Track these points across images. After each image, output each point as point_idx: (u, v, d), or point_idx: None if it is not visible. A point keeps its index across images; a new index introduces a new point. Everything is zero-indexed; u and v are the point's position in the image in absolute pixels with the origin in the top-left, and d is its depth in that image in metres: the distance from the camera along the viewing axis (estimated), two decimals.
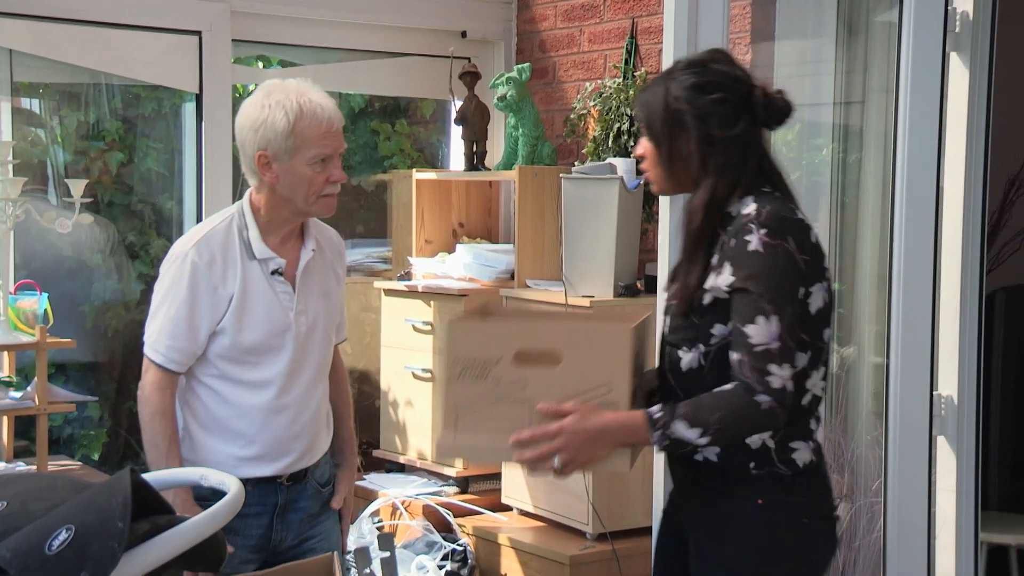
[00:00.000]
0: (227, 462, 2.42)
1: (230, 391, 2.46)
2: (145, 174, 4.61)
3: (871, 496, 3.21)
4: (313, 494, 2.56)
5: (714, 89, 2.10)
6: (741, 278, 2.00)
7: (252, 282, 2.44)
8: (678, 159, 2.13)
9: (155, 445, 2.43)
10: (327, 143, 2.42)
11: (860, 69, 3.39)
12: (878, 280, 3.25)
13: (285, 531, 2.52)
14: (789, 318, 1.99)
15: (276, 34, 4.31)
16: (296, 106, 2.39)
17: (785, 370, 1.98)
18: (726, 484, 2.10)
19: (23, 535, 1.46)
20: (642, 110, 2.18)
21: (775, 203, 2.06)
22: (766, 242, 2.00)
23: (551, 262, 4.05)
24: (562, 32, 4.46)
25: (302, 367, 2.49)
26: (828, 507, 2.15)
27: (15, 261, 3.89)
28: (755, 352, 1.98)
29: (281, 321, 2.46)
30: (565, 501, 3.65)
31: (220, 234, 2.46)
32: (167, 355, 2.43)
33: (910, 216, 2.87)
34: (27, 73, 4.17)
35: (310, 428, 2.52)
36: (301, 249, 2.52)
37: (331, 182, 2.44)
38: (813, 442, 2.12)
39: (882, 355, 3.08)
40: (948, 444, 2.93)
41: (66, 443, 4.37)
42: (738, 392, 1.98)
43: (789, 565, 2.10)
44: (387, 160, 5.07)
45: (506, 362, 2.05)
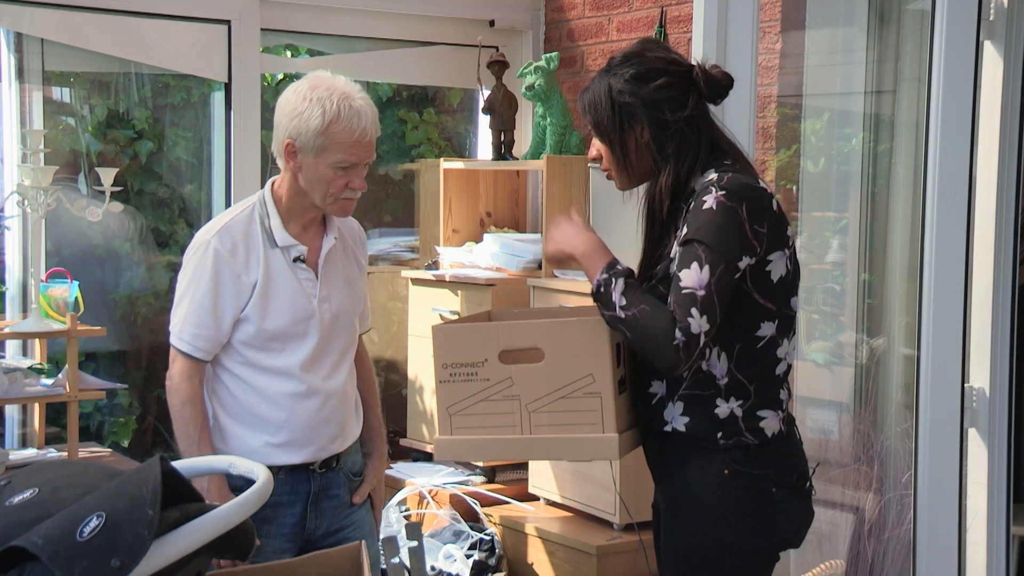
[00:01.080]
0: (258, 450, 2.43)
1: (256, 378, 2.47)
2: (174, 163, 4.63)
3: (901, 489, 3.19)
4: (345, 482, 2.58)
5: (656, 76, 2.16)
6: (691, 231, 2.07)
7: (275, 269, 2.46)
8: (634, 151, 2.18)
9: (186, 434, 2.44)
10: (354, 152, 2.41)
11: (892, 58, 3.36)
12: (908, 271, 3.23)
13: (319, 519, 2.53)
14: (720, 273, 2.03)
15: (304, 23, 4.31)
16: (335, 108, 2.38)
17: (703, 321, 2.02)
18: (694, 454, 2.14)
19: (54, 522, 1.47)
20: (588, 111, 2.22)
21: (737, 173, 2.12)
22: (720, 201, 2.06)
23: None
24: (590, 21, 4.44)
25: (327, 353, 2.50)
26: (799, 477, 2.17)
27: (46, 249, 3.92)
28: (682, 293, 2.03)
29: (305, 308, 2.47)
30: (592, 491, 3.64)
31: (242, 222, 2.48)
32: (193, 343, 2.45)
33: (942, 206, 2.84)
34: (58, 62, 4.20)
35: (338, 413, 2.53)
36: (323, 237, 2.53)
37: (350, 188, 2.44)
38: (783, 412, 2.15)
39: (912, 347, 3.05)
40: (979, 437, 2.91)
41: (96, 430, 4.41)
42: (667, 315, 2.03)
43: (757, 535, 2.13)
44: (414, 149, 5.07)
45: (492, 362, 2.15)
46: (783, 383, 2.16)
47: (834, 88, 3.64)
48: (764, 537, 2.14)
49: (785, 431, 2.15)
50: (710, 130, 2.21)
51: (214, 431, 2.49)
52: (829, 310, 3.57)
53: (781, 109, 3.74)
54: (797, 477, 2.16)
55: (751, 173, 2.18)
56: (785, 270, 2.13)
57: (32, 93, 4.07)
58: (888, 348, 3.35)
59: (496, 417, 2.17)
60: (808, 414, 3.47)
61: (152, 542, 1.46)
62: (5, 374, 3.33)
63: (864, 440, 3.32)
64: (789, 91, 3.72)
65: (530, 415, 2.15)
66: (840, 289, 3.55)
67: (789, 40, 3.69)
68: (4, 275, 3.93)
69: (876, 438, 3.30)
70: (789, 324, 2.14)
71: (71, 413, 3.44)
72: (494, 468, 4.06)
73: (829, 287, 3.57)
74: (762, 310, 2.11)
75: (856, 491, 3.34)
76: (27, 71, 4.06)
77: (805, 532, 2.22)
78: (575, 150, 4.15)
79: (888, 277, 3.38)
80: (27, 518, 1.50)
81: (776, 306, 2.12)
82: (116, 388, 3.97)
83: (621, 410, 2.16)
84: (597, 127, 2.20)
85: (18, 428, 4.00)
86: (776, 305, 2.12)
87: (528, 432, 2.16)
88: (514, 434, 2.17)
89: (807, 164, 3.60)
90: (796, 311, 2.16)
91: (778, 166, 3.73)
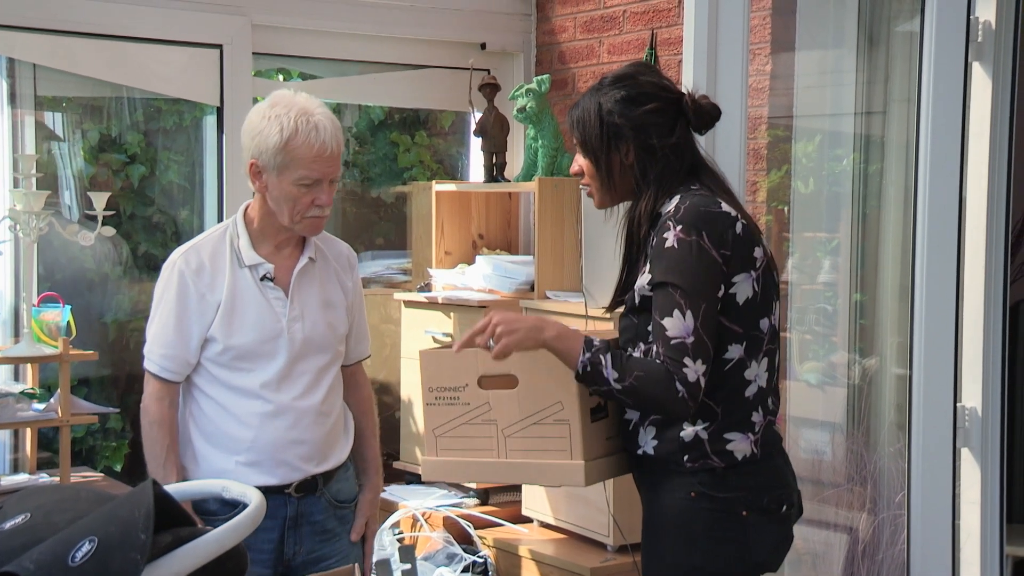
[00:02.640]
0: (228, 470, 2.43)
1: (226, 397, 2.47)
2: (166, 187, 4.63)
3: (894, 509, 3.19)
4: (327, 508, 2.54)
5: (647, 100, 2.18)
6: (659, 273, 2.08)
7: (241, 288, 2.46)
8: (618, 171, 2.20)
9: (153, 455, 2.46)
10: (316, 167, 2.40)
11: (881, 79, 3.38)
12: (900, 291, 3.24)
13: (298, 545, 2.50)
14: (703, 314, 2.05)
15: (296, 47, 4.32)
16: (293, 124, 2.38)
17: (698, 365, 2.04)
18: (663, 477, 2.15)
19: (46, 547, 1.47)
20: (576, 127, 2.23)
21: (696, 198, 2.13)
22: (680, 238, 2.07)
23: (571, 273, 4.04)
24: (581, 44, 4.46)
25: (299, 372, 2.49)
26: (773, 501, 2.15)
27: (38, 273, 3.91)
28: (671, 344, 2.04)
29: (272, 327, 2.46)
30: (586, 513, 3.64)
31: (211, 243, 2.50)
32: (161, 364, 2.46)
33: (933, 226, 2.85)
34: (51, 87, 4.20)
35: (312, 433, 2.49)
36: (298, 258, 2.52)
37: (316, 205, 2.44)
38: (755, 435, 2.14)
39: (905, 367, 3.06)
40: (972, 456, 2.91)
41: (88, 455, 4.39)
42: (663, 370, 2.04)
43: (726, 558, 2.12)
44: (406, 172, 5.08)
45: (472, 387, 2.23)
46: (756, 405, 2.14)
47: (824, 109, 3.66)
48: (733, 560, 2.13)
49: (759, 453, 2.14)
50: (693, 157, 2.22)
51: (187, 450, 2.49)
52: (821, 330, 3.58)
53: (772, 130, 3.76)
54: (770, 500, 2.14)
55: (722, 196, 2.17)
56: (752, 292, 2.12)
57: (24, 118, 4.08)
58: (880, 368, 3.35)
59: (476, 440, 2.23)
60: (801, 434, 3.47)
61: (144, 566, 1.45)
62: None
63: (857, 460, 3.32)
64: (780, 112, 3.74)
65: (506, 439, 2.21)
66: (832, 309, 3.56)
67: (779, 62, 3.72)
68: None
69: (869, 458, 3.30)
70: (758, 346, 2.13)
71: (63, 438, 3.43)
72: (487, 490, 4.05)
73: (821, 307, 3.58)
74: (728, 333, 2.11)
75: (850, 511, 3.34)
76: (19, 96, 4.06)
77: (782, 556, 2.20)
78: (567, 172, 4.15)
79: (880, 297, 3.39)
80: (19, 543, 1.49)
81: (743, 328, 2.11)
82: (108, 412, 3.95)
83: (594, 437, 2.18)
84: (584, 144, 2.22)
85: (10, 453, 3.98)
86: (743, 327, 2.11)
87: (504, 456, 2.22)
88: (492, 457, 2.23)
89: (798, 185, 3.61)
90: (767, 331, 2.15)
91: (769, 187, 3.74)
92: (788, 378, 3.45)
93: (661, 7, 4.13)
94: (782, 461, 2.22)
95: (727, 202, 2.16)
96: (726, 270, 2.09)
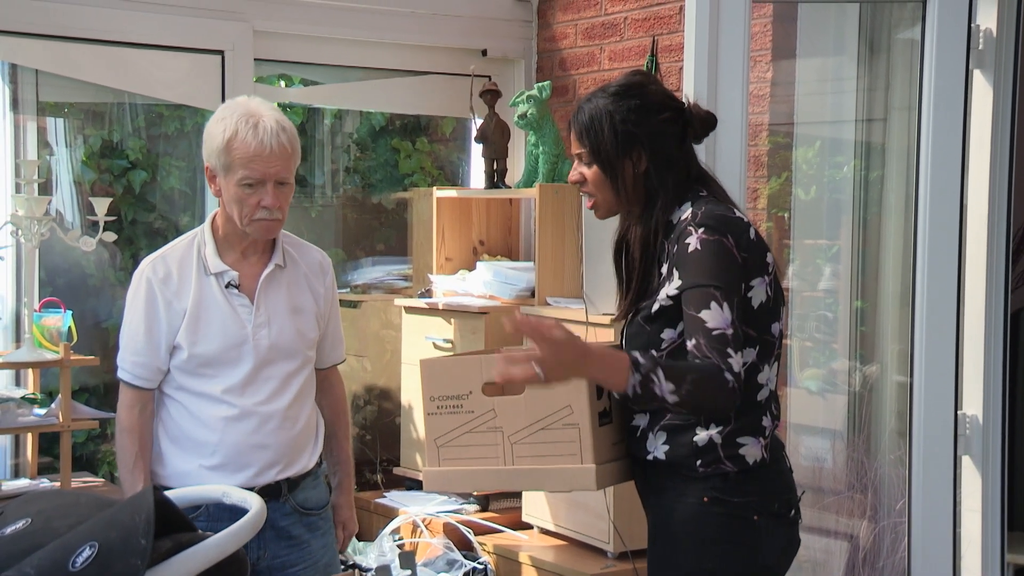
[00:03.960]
0: (192, 473, 2.45)
1: (192, 403, 2.48)
2: (168, 192, 4.63)
3: (895, 516, 3.19)
4: (292, 515, 2.53)
5: (660, 109, 2.20)
6: (689, 277, 2.07)
7: (207, 296, 2.47)
8: (630, 179, 2.20)
9: (122, 461, 2.49)
10: (255, 168, 2.40)
11: (882, 86, 3.39)
12: (901, 298, 3.24)
13: (262, 550, 2.49)
14: (737, 308, 2.05)
15: (298, 53, 4.33)
16: (234, 125, 2.40)
17: (739, 356, 2.03)
18: (675, 482, 2.15)
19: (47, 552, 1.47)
20: (586, 136, 2.22)
21: (711, 204, 2.15)
22: (704, 239, 2.07)
23: (571, 280, 4.04)
24: (582, 50, 4.47)
25: (265, 378, 2.49)
26: (784, 505, 2.16)
27: (40, 278, 3.91)
28: (713, 335, 2.03)
29: (237, 334, 2.47)
30: (586, 519, 3.63)
31: (179, 251, 2.51)
32: (133, 371, 2.49)
33: (934, 233, 2.86)
34: (52, 93, 4.21)
35: (277, 438, 2.50)
36: (266, 264, 2.53)
37: (263, 207, 2.43)
38: (765, 439, 2.14)
39: (905, 374, 3.06)
40: (973, 464, 2.91)
41: (89, 460, 4.39)
42: (711, 365, 2.02)
43: (737, 563, 2.12)
44: (407, 178, 5.08)
45: (476, 394, 2.20)
46: (765, 409, 2.15)
47: (825, 116, 3.66)
48: (745, 565, 2.13)
49: (768, 458, 2.15)
50: (697, 165, 2.26)
51: (155, 455, 2.50)
52: (822, 337, 3.58)
53: (772, 137, 3.76)
54: (780, 505, 2.15)
55: (726, 203, 2.20)
56: (765, 296, 2.13)
57: (26, 123, 4.08)
58: (881, 375, 3.35)
59: (481, 448, 2.21)
60: (801, 442, 3.47)
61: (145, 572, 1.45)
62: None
63: (858, 468, 3.32)
64: (780, 119, 3.74)
65: (512, 446, 2.19)
66: (833, 316, 3.56)
67: (780, 69, 3.72)
68: None
69: (870, 466, 3.30)
70: (770, 350, 2.15)
71: (64, 443, 3.42)
72: (488, 497, 4.04)
73: (822, 314, 3.58)
74: (744, 336, 2.10)
75: (850, 519, 3.34)
76: (21, 101, 4.07)
77: (790, 561, 2.21)
78: (567, 178, 4.16)
79: (881, 304, 3.39)
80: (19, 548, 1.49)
81: (757, 332, 2.12)
82: (109, 417, 3.94)
83: (602, 441, 2.18)
84: (595, 152, 2.21)
85: (11, 458, 3.98)
86: (757, 331, 2.12)
87: (511, 463, 2.19)
88: (498, 465, 2.21)
89: (798, 192, 3.62)
90: (777, 337, 2.17)
91: (769, 194, 3.75)
92: (789, 385, 3.45)
93: (662, 14, 4.13)
94: (787, 466, 2.23)
95: (735, 208, 2.20)
96: (745, 272, 2.10)
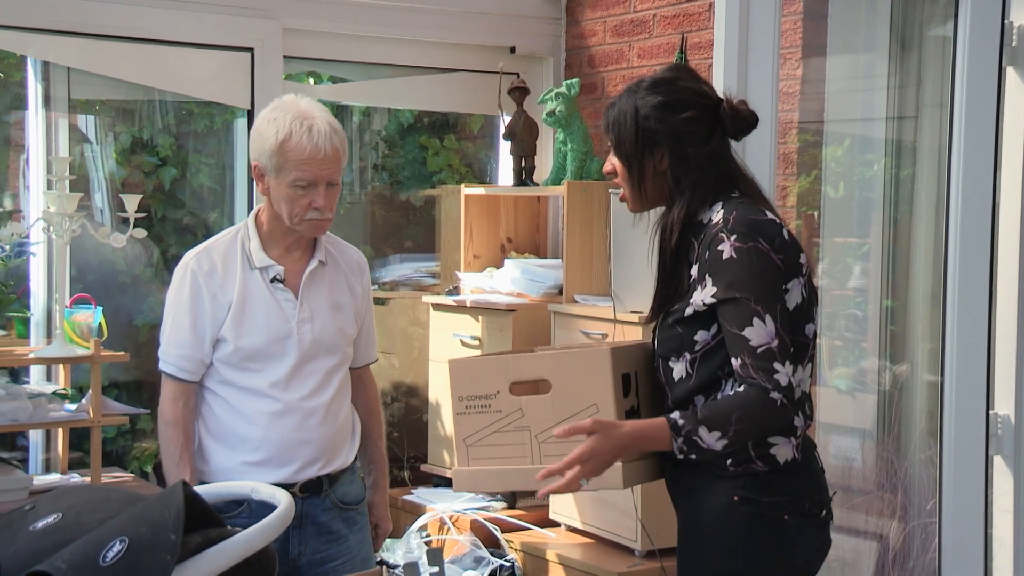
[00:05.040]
0: (235, 468, 2.47)
1: (236, 397, 2.50)
2: (197, 189, 4.66)
3: (925, 516, 3.16)
4: (332, 510, 2.55)
5: (684, 107, 2.16)
6: (724, 287, 2.05)
7: (251, 290, 2.49)
8: (650, 176, 2.18)
9: (168, 454, 2.50)
10: (309, 169, 2.42)
11: (913, 83, 3.36)
12: (932, 297, 3.21)
13: (302, 545, 2.51)
14: (779, 316, 2.04)
15: (326, 51, 4.34)
16: (288, 127, 2.41)
17: (787, 367, 2.03)
18: (704, 480, 2.13)
19: (78, 547, 1.48)
20: (612, 129, 2.21)
21: (742, 207, 2.11)
22: (738, 247, 2.05)
23: (599, 277, 4.04)
24: (611, 47, 4.46)
25: (306, 372, 2.51)
26: (815, 506, 2.15)
27: (71, 275, 3.94)
28: (758, 353, 2.02)
29: (282, 328, 2.49)
30: (613, 517, 3.63)
31: (223, 245, 2.53)
32: (176, 364, 2.51)
33: (965, 232, 2.83)
34: (84, 90, 4.24)
35: (319, 434, 2.52)
36: (308, 260, 2.54)
37: (314, 208, 2.45)
38: (796, 439, 2.13)
39: (936, 373, 3.03)
40: (1005, 464, 2.88)
41: (119, 455, 4.42)
42: (751, 393, 2.02)
43: (767, 563, 2.11)
44: (435, 175, 5.09)
45: (504, 394, 2.21)
46: (798, 409, 2.13)
47: (855, 114, 3.63)
48: (775, 565, 2.12)
49: (800, 458, 2.13)
50: (728, 164, 2.20)
51: (197, 452, 2.52)
52: (851, 336, 3.55)
53: (802, 135, 3.74)
54: (811, 505, 2.14)
55: (762, 204, 2.17)
56: (800, 298, 2.12)
57: (58, 120, 4.11)
58: (911, 374, 3.32)
59: (509, 448, 2.22)
60: (831, 441, 3.45)
61: (174, 567, 1.46)
62: (29, 399, 3.35)
63: (888, 467, 3.30)
64: (810, 117, 3.72)
65: (539, 445, 2.19)
66: (862, 315, 3.53)
67: (810, 66, 3.70)
68: (29, 301, 3.96)
69: (900, 465, 3.28)
70: (804, 351, 2.13)
71: (94, 438, 3.45)
72: (514, 494, 4.04)
73: (851, 313, 3.56)
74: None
75: (880, 519, 3.32)
76: (53, 99, 4.10)
77: (821, 561, 2.19)
78: (595, 176, 4.15)
79: (911, 303, 3.36)
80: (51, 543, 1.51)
81: (792, 334, 2.10)
82: (139, 413, 3.98)
83: None
84: (618, 146, 2.20)
85: (42, 453, 4.02)
86: (792, 333, 2.10)
87: (539, 462, 2.19)
88: (526, 464, 2.21)
89: (828, 190, 3.59)
90: (811, 337, 2.15)
91: (799, 192, 3.72)
92: (818, 384, 3.43)
93: (692, 11, 4.12)
94: (819, 466, 2.21)
95: (768, 210, 2.16)
96: (783, 273, 2.08)
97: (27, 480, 3.33)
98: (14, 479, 3.28)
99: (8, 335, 3.71)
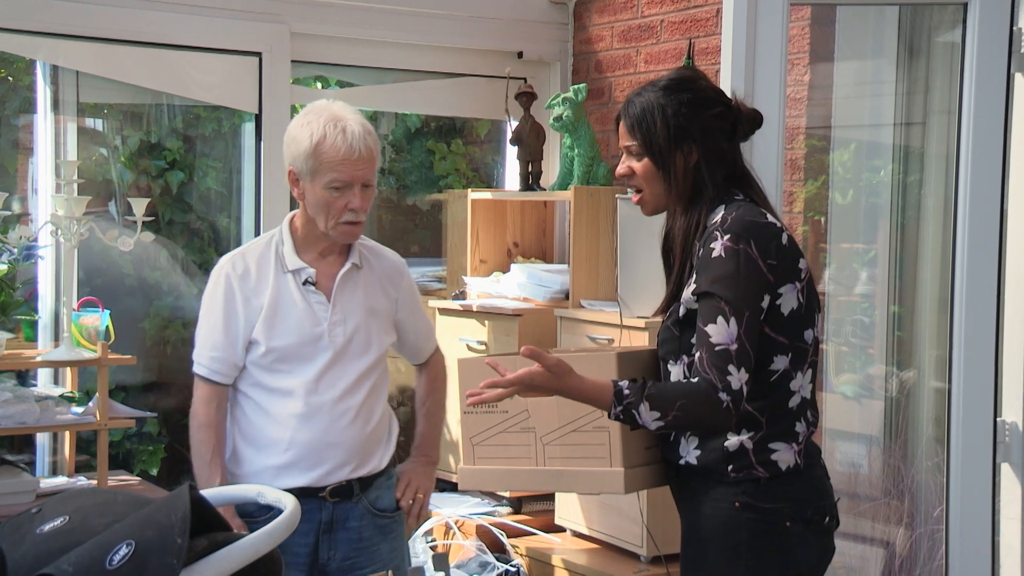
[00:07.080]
0: (265, 472, 2.47)
1: (266, 399, 2.51)
2: (205, 193, 4.67)
3: (932, 523, 3.16)
4: (365, 515, 2.55)
5: (712, 104, 2.19)
6: (705, 282, 2.07)
7: (284, 292, 2.51)
8: (680, 172, 2.19)
9: (199, 455, 2.51)
10: (344, 170, 2.44)
11: (921, 90, 3.35)
12: (939, 303, 3.20)
13: (333, 550, 2.52)
14: (747, 323, 2.04)
15: (334, 55, 4.35)
16: (322, 129, 2.44)
17: (742, 373, 2.03)
18: (705, 487, 2.14)
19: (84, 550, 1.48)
20: (638, 127, 2.20)
21: (743, 209, 2.13)
22: (728, 247, 2.06)
23: (606, 282, 4.04)
24: (618, 53, 4.46)
25: (337, 375, 2.52)
26: (818, 512, 2.15)
27: (78, 278, 3.95)
28: (715, 351, 2.03)
29: (313, 329, 2.51)
30: (619, 523, 3.62)
31: (258, 249, 2.56)
32: (210, 366, 2.51)
33: (973, 238, 2.83)
34: (92, 94, 4.25)
35: (348, 436, 2.52)
36: (343, 264, 2.56)
37: (350, 209, 2.47)
38: (799, 445, 2.13)
39: (943, 380, 3.03)
40: (1012, 471, 2.88)
41: (126, 459, 4.43)
42: (702, 386, 2.03)
43: (768, 569, 2.11)
44: (442, 180, 5.09)
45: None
46: (799, 416, 2.14)
47: (863, 120, 3.63)
48: (776, 572, 2.12)
49: (802, 464, 2.13)
50: (741, 165, 2.24)
51: (232, 455, 2.53)
52: (858, 342, 3.55)
53: (809, 141, 3.73)
54: (814, 512, 2.14)
55: (763, 206, 2.18)
56: (797, 303, 2.12)
57: (66, 124, 4.13)
58: (918, 381, 3.32)
59: (514, 448, 2.24)
60: (837, 447, 3.44)
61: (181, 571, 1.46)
62: (36, 402, 3.35)
63: (894, 474, 3.29)
64: (817, 123, 3.72)
65: (544, 447, 2.21)
66: (869, 321, 3.53)
67: (818, 72, 3.69)
68: (37, 304, 3.96)
69: (907, 472, 3.27)
70: (803, 357, 2.13)
71: (101, 441, 3.45)
72: (520, 499, 4.04)
73: (858, 319, 3.55)
74: (774, 343, 2.10)
75: (886, 525, 3.31)
76: (62, 102, 4.11)
77: (824, 568, 2.19)
78: (602, 181, 4.15)
79: (918, 309, 3.36)
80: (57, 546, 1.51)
81: (789, 339, 2.11)
82: (146, 416, 3.98)
83: (633, 445, 2.18)
84: (647, 144, 2.19)
85: (49, 456, 4.02)
86: (788, 338, 2.11)
87: (542, 464, 2.21)
88: (530, 465, 2.23)
89: (835, 195, 3.59)
90: (811, 343, 2.15)
91: (806, 197, 3.72)
92: (824, 390, 3.43)
93: (699, 16, 4.12)
94: (822, 472, 2.21)
95: (770, 213, 2.17)
96: (772, 280, 2.08)
97: (34, 483, 3.33)
98: (21, 482, 3.28)
99: (16, 338, 3.72)
